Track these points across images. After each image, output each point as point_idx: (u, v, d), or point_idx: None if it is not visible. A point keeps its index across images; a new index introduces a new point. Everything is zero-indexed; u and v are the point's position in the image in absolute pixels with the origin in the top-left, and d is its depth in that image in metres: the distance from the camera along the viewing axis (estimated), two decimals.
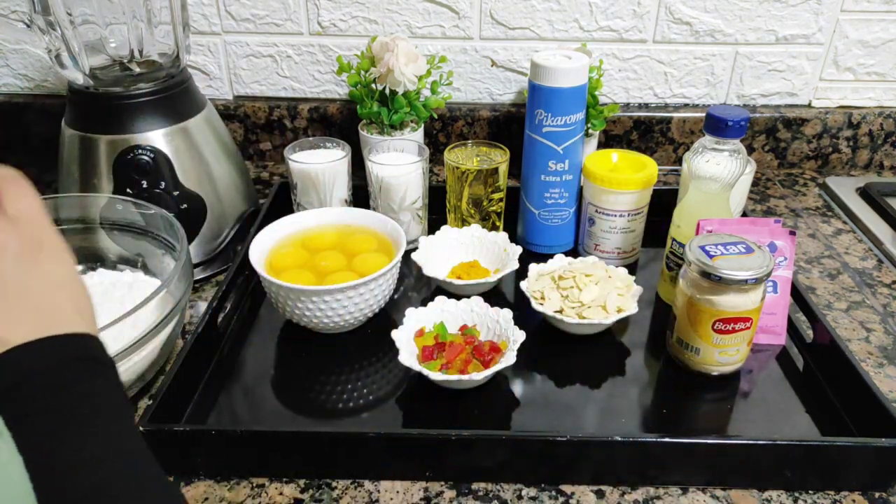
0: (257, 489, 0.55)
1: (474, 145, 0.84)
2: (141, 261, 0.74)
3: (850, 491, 0.55)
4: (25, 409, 0.34)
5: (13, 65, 1.05)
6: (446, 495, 0.54)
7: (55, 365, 0.36)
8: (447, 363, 0.61)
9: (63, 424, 0.35)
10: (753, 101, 1.04)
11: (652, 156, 1.03)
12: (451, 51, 1.00)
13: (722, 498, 0.54)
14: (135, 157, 0.74)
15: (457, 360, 0.62)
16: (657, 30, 0.98)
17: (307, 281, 0.67)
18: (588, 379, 0.65)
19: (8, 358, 0.35)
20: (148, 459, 0.38)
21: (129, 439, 0.38)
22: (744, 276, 0.58)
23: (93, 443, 0.35)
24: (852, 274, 0.82)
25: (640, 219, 0.79)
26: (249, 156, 1.08)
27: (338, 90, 1.05)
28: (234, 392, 0.64)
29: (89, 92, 0.74)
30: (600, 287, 0.69)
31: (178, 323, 0.65)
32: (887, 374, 0.67)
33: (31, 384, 0.35)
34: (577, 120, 0.76)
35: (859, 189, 0.98)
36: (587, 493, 0.55)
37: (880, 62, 1.00)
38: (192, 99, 0.80)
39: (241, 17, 0.99)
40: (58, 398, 0.35)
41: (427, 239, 0.78)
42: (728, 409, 0.62)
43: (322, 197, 0.82)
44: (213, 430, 0.55)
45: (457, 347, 0.62)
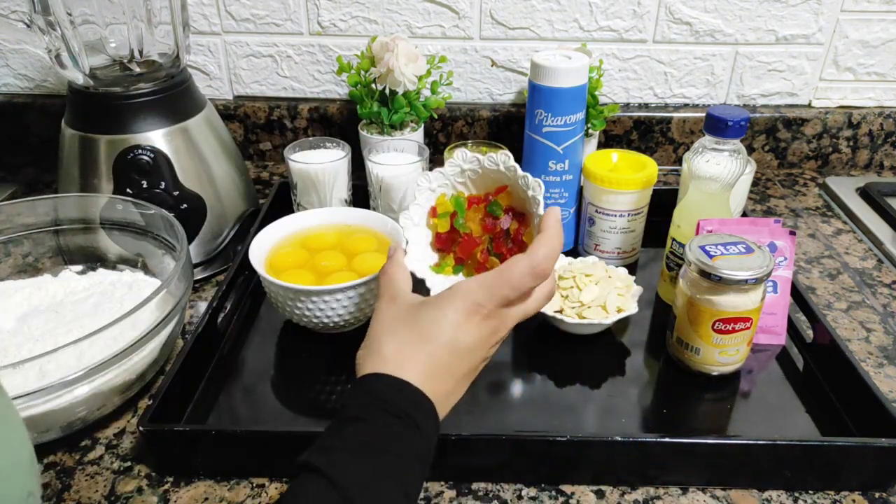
0: (257, 489, 0.55)
1: (474, 145, 0.84)
2: (141, 261, 0.74)
3: (850, 491, 0.55)
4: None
5: (13, 65, 1.05)
6: (446, 495, 0.54)
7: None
8: (459, 259, 0.54)
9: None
10: (753, 101, 1.04)
11: (652, 156, 1.03)
12: (451, 51, 1.00)
13: (722, 498, 0.54)
14: (135, 157, 0.74)
15: (470, 256, 0.54)
16: (657, 30, 0.98)
17: (307, 281, 0.67)
18: (588, 379, 0.65)
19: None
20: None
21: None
22: (744, 276, 0.58)
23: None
24: (852, 274, 0.82)
25: (640, 219, 0.79)
26: (249, 156, 1.08)
27: (338, 90, 1.05)
28: (234, 392, 0.64)
29: (89, 92, 0.74)
30: (600, 287, 0.69)
31: (178, 323, 0.65)
32: (887, 374, 0.67)
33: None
34: (577, 120, 0.76)
35: (859, 189, 0.98)
36: (587, 493, 0.55)
37: (880, 62, 1.00)
38: (192, 99, 0.80)
39: (241, 17, 0.99)
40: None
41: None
42: (728, 409, 0.62)
43: (322, 197, 0.82)
44: (213, 430, 0.55)
45: (469, 241, 0.54)
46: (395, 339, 0.47)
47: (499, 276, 0.47)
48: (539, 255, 0.47)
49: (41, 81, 1.06)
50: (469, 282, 0.47)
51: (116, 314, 0.55)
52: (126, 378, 0.59)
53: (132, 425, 0.61)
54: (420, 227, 0.57)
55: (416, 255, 0.55)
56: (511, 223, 0.55)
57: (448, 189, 0.57)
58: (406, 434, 0.42)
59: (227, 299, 0.71)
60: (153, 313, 0.60)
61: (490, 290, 0.46)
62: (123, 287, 0.70)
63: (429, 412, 0.44)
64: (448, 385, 0.46)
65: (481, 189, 0.57)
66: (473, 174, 0.57)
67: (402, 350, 0.46)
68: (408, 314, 0.48)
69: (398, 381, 0.44)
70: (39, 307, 0.67)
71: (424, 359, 0.45)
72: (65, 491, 0.54)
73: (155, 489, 0.55)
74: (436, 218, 0.56)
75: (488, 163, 0.55)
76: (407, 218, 0.56)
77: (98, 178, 0.74)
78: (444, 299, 0.47)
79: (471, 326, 0.46)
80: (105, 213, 0.73)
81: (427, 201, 0.57)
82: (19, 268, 0.74)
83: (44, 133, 1.06)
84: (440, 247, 0.56)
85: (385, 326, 0.48)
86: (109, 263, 0.75)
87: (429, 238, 0.57)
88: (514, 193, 0.56)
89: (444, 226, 0.55)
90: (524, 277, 0.47)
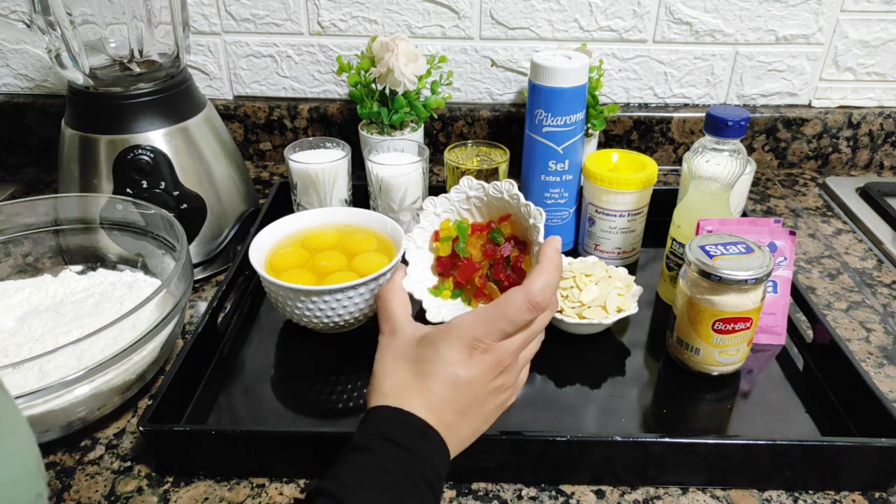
0: (257, 489, 0.55)
1: (474, 145, 0.84)
2: (141, 261, 0.74)
3: (850, 491, 0.55)
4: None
5: (13, 65, 1.05)
6: (446, 495, 0.54)
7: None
8: (458, 283, 0.55)
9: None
10: (753, 101, 1.04)
11: (652, 156, 1.03)
12: (451, 51, 1.00)
13: (722, 498, 0.54)
14: (135, 157, 0.74)
15: (468, 281, 0.54)
16: (657, 30, 0.98)
17: (307, 281, 0.66)
18: (588, 379, 0.65)
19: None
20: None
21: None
22: (744, 276, 0.58)
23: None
24: (852, 274, 0.82)
25: (640, 219, 0.79)
26: (249, 156, 1.08)
27: (338, 90, 1.05)
28: (234, 392, 0.64)
29: (89, 92, 0.74)
30: (600, 287, 0.69)
31: (178, 323, 0.65)
32: (887, 374, 0.67)
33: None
34: (577, 120, 0.76)
35: (859, 189, 0.98)
36: (587, 493, 0.55)
37: (880, 62, 1.00)
38: (192, 99, 0.80)
39: (241, 17, 0.99)
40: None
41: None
42: (728, 409, 0.62)
43: (322, 197, 0.82)
44: (213, 430, 0.55)
45: (468, 266, 0.54)
46: (394, 377, 0.48)
47: (495, 309, 0.47)
48: (535, 288, 0.47)
49: (41, 81, 1.06)
50: (465, 317, 0.47)
51: (116, 314, 0.55)
52: (126, 378, 0.59)
53: (132, 425, 0.61)
54: (422, 249, 0.58)
55: (416, 276, 0.55)
56: (511, 251, 0.55)
57: (453, 215, 0.58)
58: (411, 462, 0.43)
59: (227, 299, 0.71)
60: (153, 313, 0.60)
61: (487, 326, 0.47)
62: (123, 287, 0.70)
63: (433, 440, 0.45)
64: (452, 416, 0.47)
65: (486, 217, 0.58)
66: (479, 201, 0.58)
67: (402, 388, 0.47)
68: (406, 351, 0.49)
69: (400, 412, 0.45)
70: (39, 307, 0.67)
71: (423, 394, 0.46)
72: (65, 491, 0.54)
73: (155, 489, 0.55)
74: (438, 242, 0.57)
75: (493, 190, 0.56)
76: (410, 240, 0.57)
77: (98, 178, 0.74)
78: (440, 336, 0.48)
79: (470, 362, 0.47)
80: (105, 213, 0.73)
81: (431, 225, 0.58)
82: (19, 268, 0.74)
83: (44, 133, 1.06)
84: (441, 270, 0.56)
85: (385, 365, 0.49)
86: (109, 263, 0.75)
87: (430, 261, 0.57)
88: (518, 222, 0.57)
89: (446, 250, 0.56)
90: (521, 311, 0.47)
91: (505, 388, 0.50)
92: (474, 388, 0.47)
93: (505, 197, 0.56)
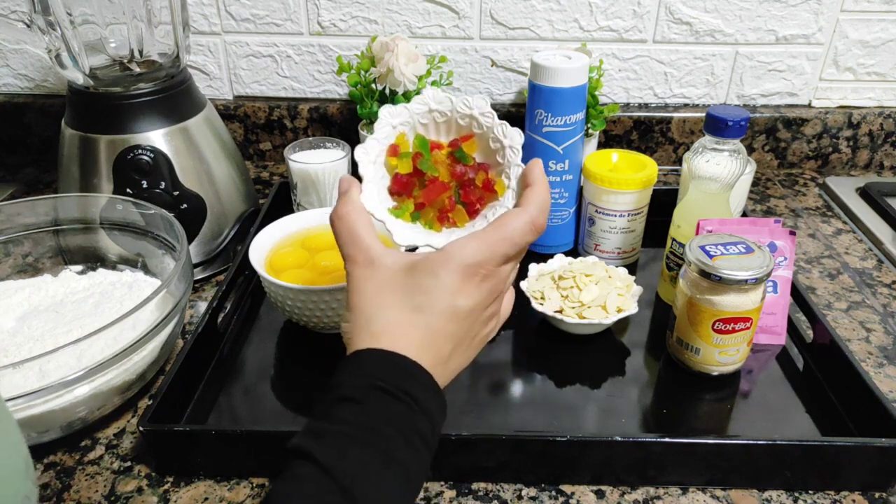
0: (257, 489, 0.55)
1: None
2: (141, 261, 0.74)
3: (850, 491, 0.55)
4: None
5: (13, 65, 1.05)
6: (446, 495, 0.54)
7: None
8: (420, 205, 0.49)
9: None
10: (753, 101, 1.04)
11: (652, 156, 1.03)
12: (451, 51, 1.00)
13: (722, 498, 0.54)
14: (135, 157, 0.74)
15: (435, 203, 0.49)
16: (657, 30, 0.98)
17: (307, 281, 0.67)
18: (588, 379, 0.65)
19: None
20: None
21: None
22: (744, 276, 0.58)
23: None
24: (852, 274, 0.82)
25: (640, 219, 0.79)
26: (249, 156, 1.08)
27: (338, 90, 1.05)
28: (234, 392, 0.64)
29: (89, 92, 0.74)
30: (600, 287, 0.69)
31: (178, 323, 0.65)
32: (887, 374, 0.67)
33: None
34: (577, 120, 0.76)
35: (859, 189, 0.98)
36: (587, 493, 0.55)
37: (880, 62, 1.00)
38: (192, 99, 0.80)
39: (241, 17, 0.99)
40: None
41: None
42: (728, 409, 0.62)
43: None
44: (213, 430, 0.55)
45: (437, 185, 0.49)
46: (385, 313, 0.43)
47: (497, 232, 0.44)
48: (535, 209, 0.45)
49: (41, 81, 1.06)
50: (466, 241, 0.44)
51: (116, 314, 0.55)
52: (126, 378, 0.59)
53: (132, 425, 0.61)
54: (377, 164, 0.51)
55: (372, 194, 0.49)
56: (479, 173, 0.50)
57: (409, 129, 0.51)
58: (406, 414, 0.39)
59: (227, 299, 0.71)
60: (153, 313, 0.60)
61: (491, 249, 0.44)
62: (123, 287, 0.70)
63: (428, 386, 0.41)
64: (447, 350, 0.43)
65: (443, 135, 0.52)
66: (441, 116, 0.51)
67: (395, 324, 0.42)
68: (396, 281, 0.44)
69: (393, 356, 0.41)
70: (39, 307, 0.67)
71: (420, 330, 0.42)
72: (65, 491, 0.54)
73: (155, 489, 0.55)
74: (397, 157, 0.50)
75: (461, 105, 0.50)
76: (364, 153, 0.50)
77: (98, 178, 0.74)
78: (439, 263, 0.43)
79: (469, 289, 0.43)
80: (105, 213, 0.73)
81: (387, 138, 0.51)
82: (19, 268, 0.74)
83: (44, 133, 1.06)
84: (398, 189, 0.50)
85: (370, 298, 0.44)
86: (109, 263, 0.75)
87: (385, 180, 0.51)
88: (481, 143, 0.51)
89: (406, 167, 0.49)
90: (524, 232, 0.45)
91: (493, 316, 0.47)
92: (471, 319, 0.44)
93: (475, 114, 0.50)
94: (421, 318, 0.42)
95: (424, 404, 0.40)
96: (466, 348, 0.45)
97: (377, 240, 0.46)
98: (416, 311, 0.43)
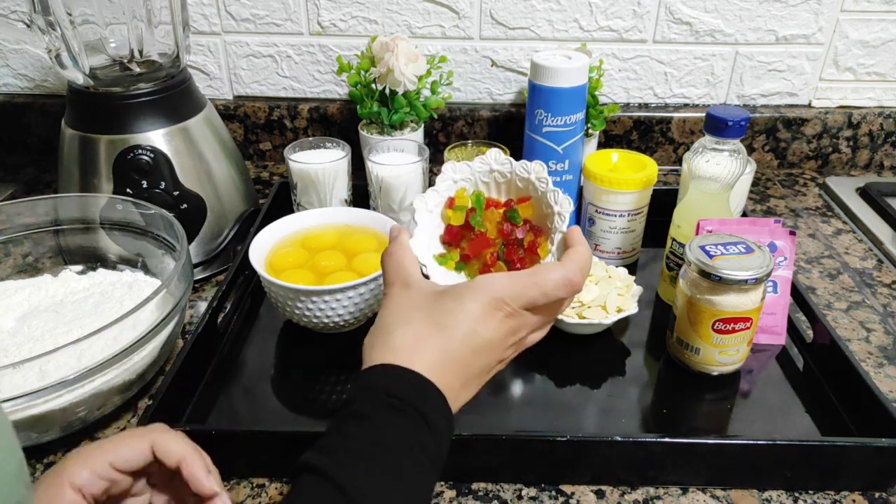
0: (257, 489, 0.55)
1: (474, 145, 0.84)
2: (141, 261, 0.74)
3: (850, 491, 0.55)
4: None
5: (13, 65, 1.05)
6: (446, 495, 0.54)
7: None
8: (465, 256, 0.52)
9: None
10: (753, 101, 1.04)
11: (652, 156, 1.03)
12: (451, 51, 1.00)
13: (722, 498, 0.54)
14: (135, 157, 0.74)
15: (479, 256, 0.52)
16: (657, 30, 0.98)
17: (307, 281, 0.67)
18: (588, 379, 0.65)
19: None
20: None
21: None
22: (744, 276, 0.58)
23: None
24: (852, 274, 0.82)
25: (640, 219, 0.79)
26: (249, 156, 1.08)
27: (338, 90, 1.05)
28: (234, 392, 0.64)
29: (89, 92, 0.74)
30: (600, 287, 0.69)
31: (178, 323, 0.65)
32: (887, 374, 0.67)
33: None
34: (577, 120, 0.76)
35: (859, 189, 0.98)
36: (587, 493, 0.55)
37: (880, 62, 1.00)
38: (192, 99, 0.80)
39: (241, 17, 0.99)
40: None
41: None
42: (728, 409, 0.62)
43: (322, 197, 0.82)
44: (213, 430, 0.55)
45: (482, 240, 0.51)
46: (408, 328, 0.44)
47: (529, 278, 0.45)
48: (574, 268, 0.46)
49: (41, 81, 1.06)
50: (497, 277, 0.45)
51: (116, 314, 0.55)
52: (126, 378, 0.59)
53: (132, 425, 0.61)
54: (433, 214, 0.54)
55: (422, 239, 0.52)
56: (527, 234, 0.53)
57: (470, 185, 0.55)
58: (415, 431, 0.39)
59: (227, 299, 0.71)
60: (153, 313, 0.60)
61: (520, 291, 0.44)
62: (123, 287, 0.70)
63: (440, 406, 0.41)
64: (460, 380, 0.43)
65: (503, 194, 0.56)
66: (501, 177, 0.55)
67: (414, 340, 0.43)
68: (424, 302, 0.45)
69: (407, 373, 0.41)
70: (39, 307, 0.67)
71: (438, 350, 0.42)
72: None
73: None
74: (451, 209, 0.54)
75: (520, 169, 0.54)
76: (422, 202, 0.53)
77: (98, 178, 0.74)
78: (466, 290, 0.44)
79: (491, 321, 0.44)
80: (105, 213, 0.73)
81: (446, 191, 0.54)
82: (19, 268, 0.74)
83: (44, 133, 1.06)
84: (448, 240, 0.53)
85: (399, 315, 0.45)
86: (109, 263, 0.75)
87: (439, 229, 0.54)
88: (536, 208, 0.54)
89: (459, 219, 0.53)
90: (557, 286, 0.45)
91: (505, 362, 0.48)
92: (489, 351, 0.44)
93: (532, 178, 0.53)
94: (439, 339, 0.43)
95: (434, 423, 0.40)
96: (476, 385, 0.46)
97: (419, 271, 0.48)
98: (436, 328, 0.43)
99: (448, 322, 0.43)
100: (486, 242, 0.52)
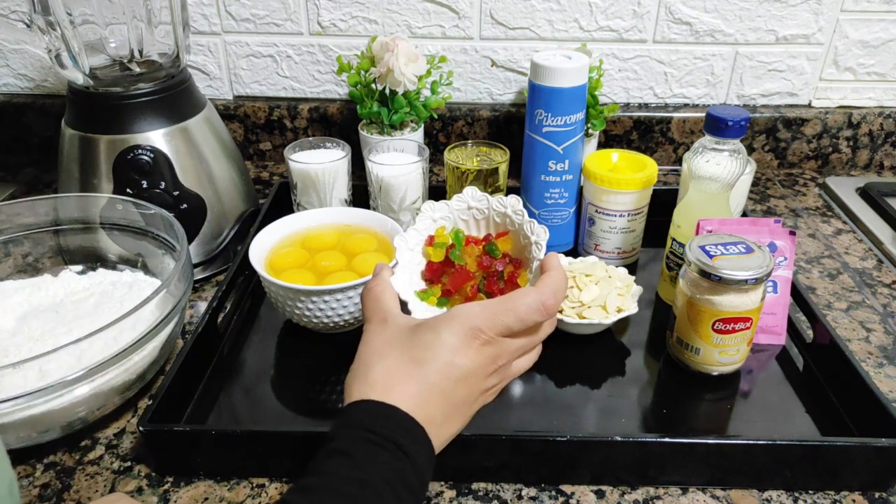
0: (257, 489, 0.55)
1: (474, 145, 0.84)
2: (141, 261, 0.74)
3: (850, 491, 0.55)
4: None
5: (13, 65, 1.05)
6: (446, 495, 0.54)
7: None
8: (447, 291, 0.53)
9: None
10: (753, 101, 1.04)
11: (652, 156, 1.03)
12: (451, 51, 1.00)
13: (722, 498, 0.54)
14: (135, 157, 0.74)
15: (460, 290, 0.53)
16: (657, 30, 0.98)
17: (307, 281, 0.67)
18: (588, 379, 0.65)
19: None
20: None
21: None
22: (744, 276, 0.58)
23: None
24: (852, 274, 0.82)
25: (640, 219, 0.79)
26: (249, 156, 1.08)
27: (338, 90, 1.05)
28: (233, 392, 0.64)
29: (89, 92, 0.74)
30: (600, 287, 0.69)
31: (178, 323, 0.65)
32: (887, 374, 0.67)
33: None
34: (577, 120, 0.76)
35: (859, 189, 0.98)
36: (587, 493, 0.55)
37: (880, 62, 1.00)
38: (192, 99, 0.80)
39: (241, 17, 0.99)
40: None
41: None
42: (728, 409, 0.62)
43: (322, 197, 0.82)
44: (213, 430, 0.55)
45: (462, 274, 0.53)
46: (384, 363, 0.44)
47: (503, 304, 0.45)
48: (548, 291, 0.46)
49: (41, 81, 1.06)
50: (470, 306, 0.46)
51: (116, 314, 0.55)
52: (126, 378, 0.59)
53: (132, 425, 0.61)
54: (414, 252, 0.57)
55: (404, 278, 0.54)
56: (507, 266, 0.54)
57: (449, 223, 0.57)
58: (393, 464, 0.40)
59: (227, 299, 0.71)
60: (153, 313, 0.60)
61: (493, 317, 0.45)
62: (123, 287, 0.70)
63: (418, 439, 0.42)
64: (442, 412, 0.43)
65: (482, 230, 0.58)
66: (479, 213, 0.57)
67: (391, 374, 0.43)
68: (400, 337, 0.46)
69: (384, 407, 0.42)
70: (39, 307, 0.67)
71: (416, 383, 0.43)
72: (65, 491, 0.54)
73: (155, 489, 0.55)
74: (431, 247, 0.56)
75: (496, 204, 0.56)
76: (402, 241, 0.56)
77: (98, 178, 0.74)
78: (441, 321, 0.45)
79: (468, 351, 0.44)
80: (105, 213, 0.73)
81: (426, 229, 0.57)
82: (19, 268, 0.74)
83: (44, 133, 1.06)
84: (430, 276, 0.55)
85: (374, 349, 0.46)
86: (109, 263, 0.75)
87: (420, 266, 0.56)
88: (515, 240, 0.56)
89: (439, 255, 0.55)
90: (531, 310, 0.45)
91: (491, 391, 0.48)
92: (469, 382, 0.45)
93: (508, 212, 0.55)
94: (418, 372, 0.43)
95: (414, 456, 0.40)
96: (461, 417, 0.46)
97: (398, 307, 0.49)
98: (414, 363, 0.44)
99: (425, 355, 0.44)
100: (467, 276, 0.53)
